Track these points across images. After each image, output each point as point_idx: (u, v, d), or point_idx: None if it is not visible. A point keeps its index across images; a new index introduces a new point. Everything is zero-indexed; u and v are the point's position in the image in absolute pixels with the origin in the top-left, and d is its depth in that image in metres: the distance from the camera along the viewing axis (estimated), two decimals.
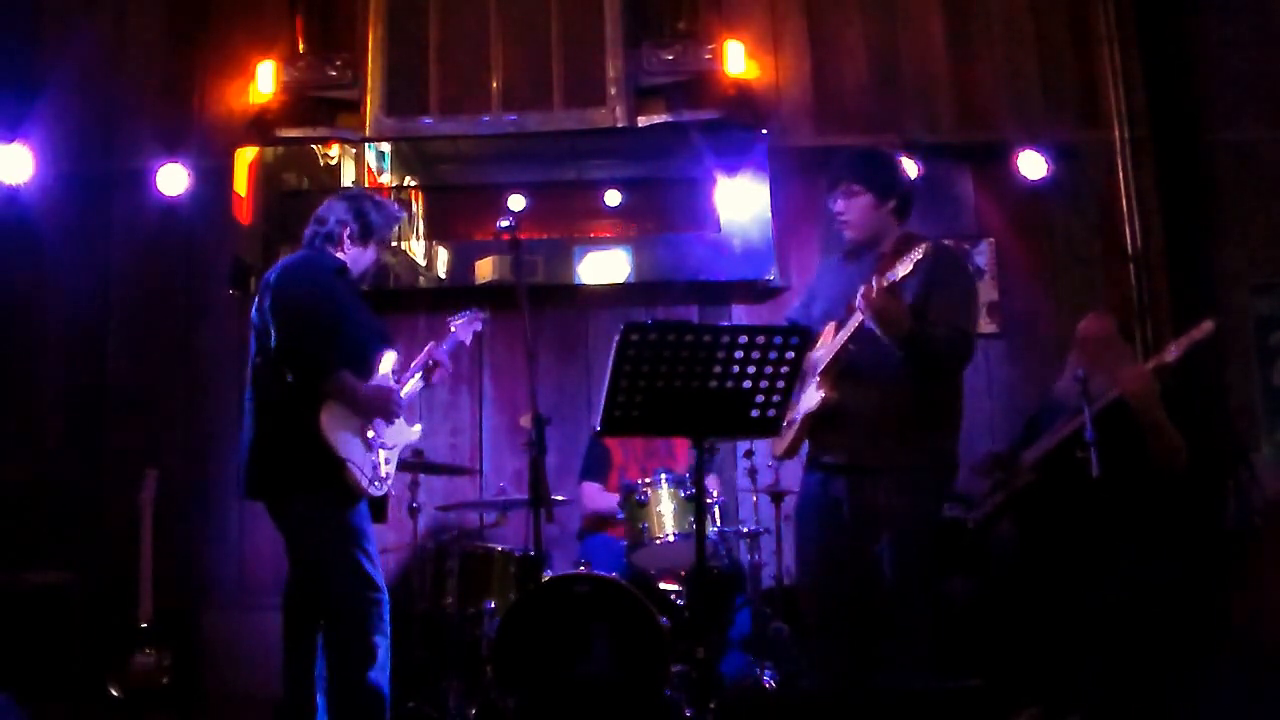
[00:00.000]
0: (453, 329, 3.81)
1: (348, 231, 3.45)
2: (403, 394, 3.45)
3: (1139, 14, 5.17)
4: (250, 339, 3.39)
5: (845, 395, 3.13)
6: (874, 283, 2.94)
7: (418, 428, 3.63)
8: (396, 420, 3.40)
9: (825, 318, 3.28)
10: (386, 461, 3.36)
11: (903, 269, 2.92)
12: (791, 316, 3.49)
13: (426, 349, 3.66)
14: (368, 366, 3.36)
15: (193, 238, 5.14)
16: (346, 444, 3.21)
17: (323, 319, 3.23)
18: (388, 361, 3.45)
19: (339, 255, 3.46)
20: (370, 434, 3.30)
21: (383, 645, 3.20)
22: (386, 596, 3.24)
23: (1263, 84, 5.12)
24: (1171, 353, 3.42)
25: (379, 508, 3.44)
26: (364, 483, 3.22)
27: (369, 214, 3.48)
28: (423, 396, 4.02)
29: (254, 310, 3.36)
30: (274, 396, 3.25)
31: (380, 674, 3.19)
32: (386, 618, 3.23)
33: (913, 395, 3.11)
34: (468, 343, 3.88)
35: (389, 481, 3.38)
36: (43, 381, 5.10)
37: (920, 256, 2.90)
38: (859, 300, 2.97)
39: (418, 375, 3.60)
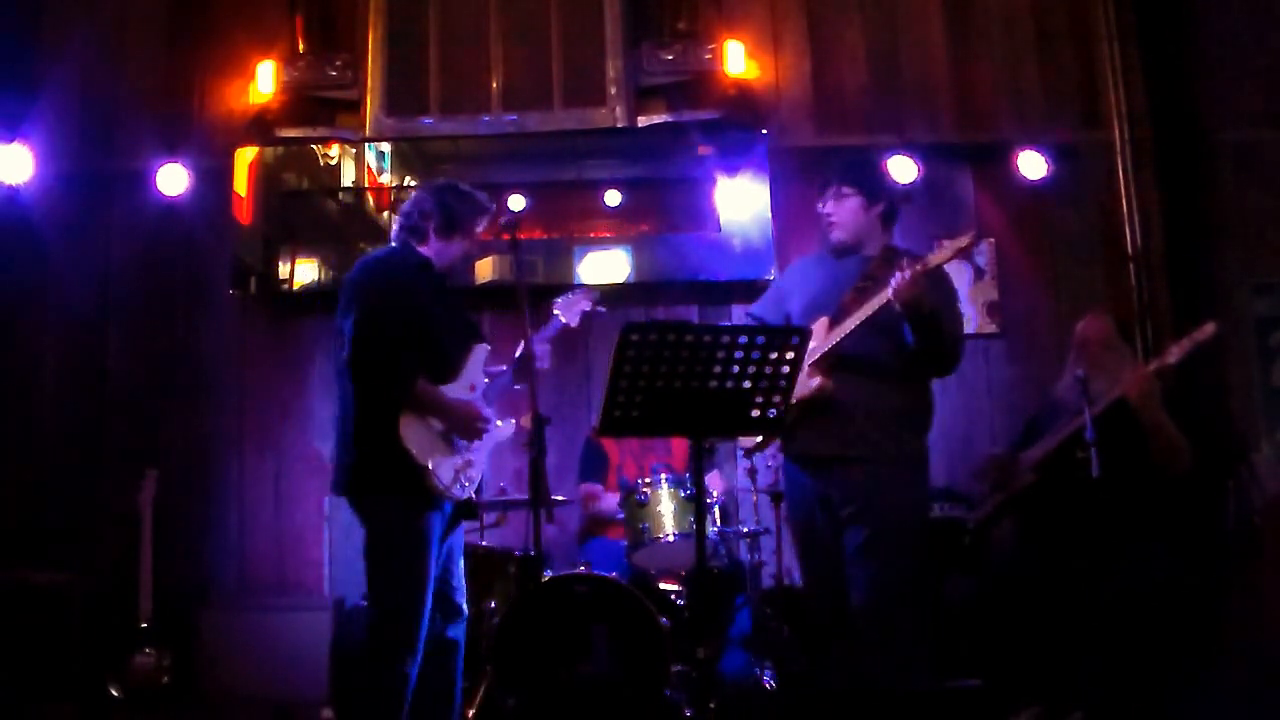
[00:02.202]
0: (555, 312, 3.63)
1: (433, 225, 3.33)
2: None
3: (1139, 13, 5.17)
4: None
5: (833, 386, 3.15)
6: (912, 273, 2.97)
7: (509, 424, 3.44)
8: (484, 435, 3.29)
9: (813, 311, 3.27)
10: (471, 463, 3.26)
11: (940, 256, 3.01)
12: (759, 314, 3.47)
13: (524, 341, 3.42)
14: (449, 367, 3.27)
15: (193, 238, 5.13)
16: (428, 448, 3.13)
17: (393, 324, 3.12)
18: (478, 357, 3.36)
19: (423, 250, 3.34)
20: (453, 436, 3.22)
21: (413, 666, 3.10)
22: (427, 618, 3.14)
23: (1263, 84, 5.12)
24: (1173, 354, 3.42)
25: (469, 507, 3.39)
26: (446, 486, 3.14)
27: (453, 205, 3.35)
28: None
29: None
30: (353, 396, 3.16)
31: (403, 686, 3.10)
32: (422, 637, 3.12)
33: (894, 393, 3.16)
34: (575, 325, 3.66)
35: (475, 483, 3.29)
36: (43, 381, 5.10)
37: (965, 244, 3.03)
38: (895, 285, 2.98)
39: (511, 371, 3.44)
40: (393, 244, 3.41)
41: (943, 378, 3.27)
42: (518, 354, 3.43)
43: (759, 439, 3.29)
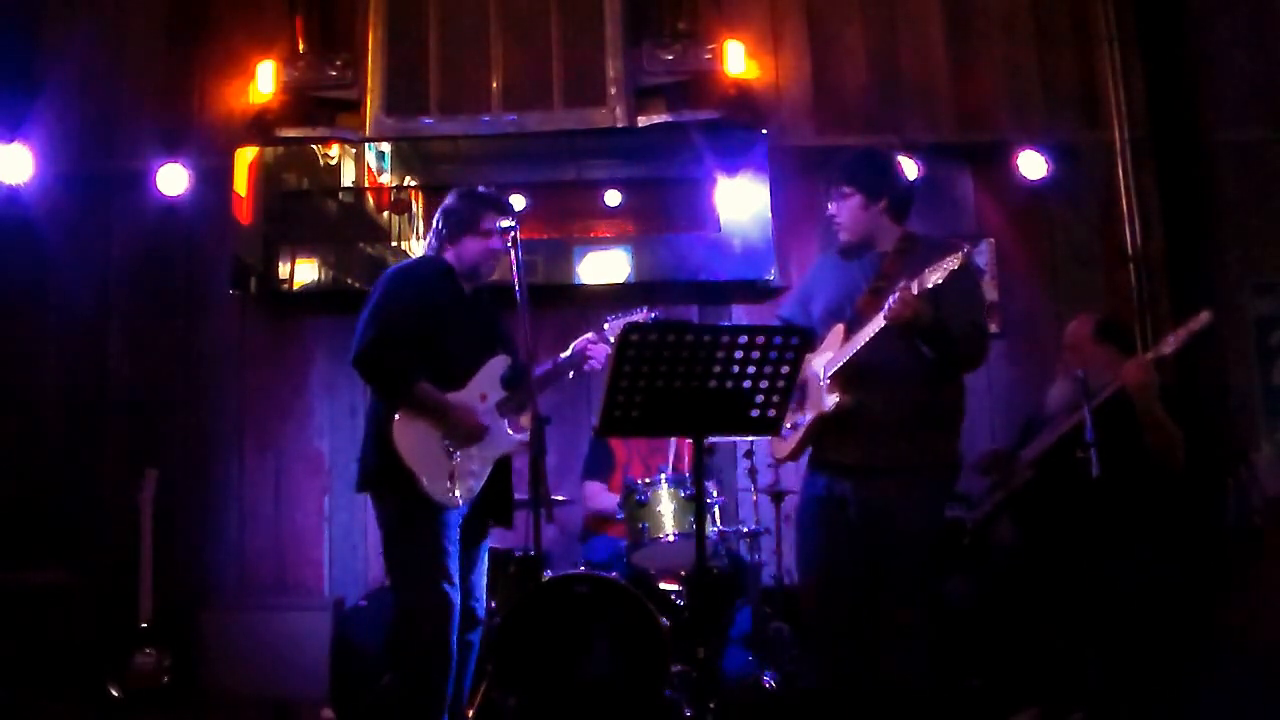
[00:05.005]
0: (606, 326, 3.60)
1: (446, 232, 3.42)
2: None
3: (1139, 14, 5.17)
4: None
5: (854, 397, 3.13)
6: (902, 295, 2.92)
7: (523, 435, 3.40)
8: (480, 440, 3.31)
9: (829, 317, 3.26)
10: (472, 472, 3.28)
11: (935, 276, 2.90)
12: (786, 315, 3.47)
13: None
14: (455, 375, 3.30)
15: (193, 238, 5.14)
16: (420, 453, 3.17)
17: (396, 327, 3.19)
18: (494, 369, 3.38)
19: (446, 256, 3.42)
20: (448, 443, 3.24)
21: (448, 640, 3.16)
22: (456, 607, 3.19)
23: (1263, 84, 5.11)
24: (1169, 344, 3.41)
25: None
26: (437, 494, 3.17)
27: (456, 208, 3.43)
28: None
29: None
30: (370, 397, 3.35)
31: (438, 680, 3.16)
32: (455, 611, 3.17)
33: (919, 396, 3.11)
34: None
35: (475, 492, 3.28)
36: (43, 381, 5.10)
37: (956, 267, 2.88)
38: (888, 309, 2.95)
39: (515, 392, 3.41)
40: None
41: (970, 372, 3.22)
42: (563, 355, 3.50)
43: (791, 450, 3.28)
